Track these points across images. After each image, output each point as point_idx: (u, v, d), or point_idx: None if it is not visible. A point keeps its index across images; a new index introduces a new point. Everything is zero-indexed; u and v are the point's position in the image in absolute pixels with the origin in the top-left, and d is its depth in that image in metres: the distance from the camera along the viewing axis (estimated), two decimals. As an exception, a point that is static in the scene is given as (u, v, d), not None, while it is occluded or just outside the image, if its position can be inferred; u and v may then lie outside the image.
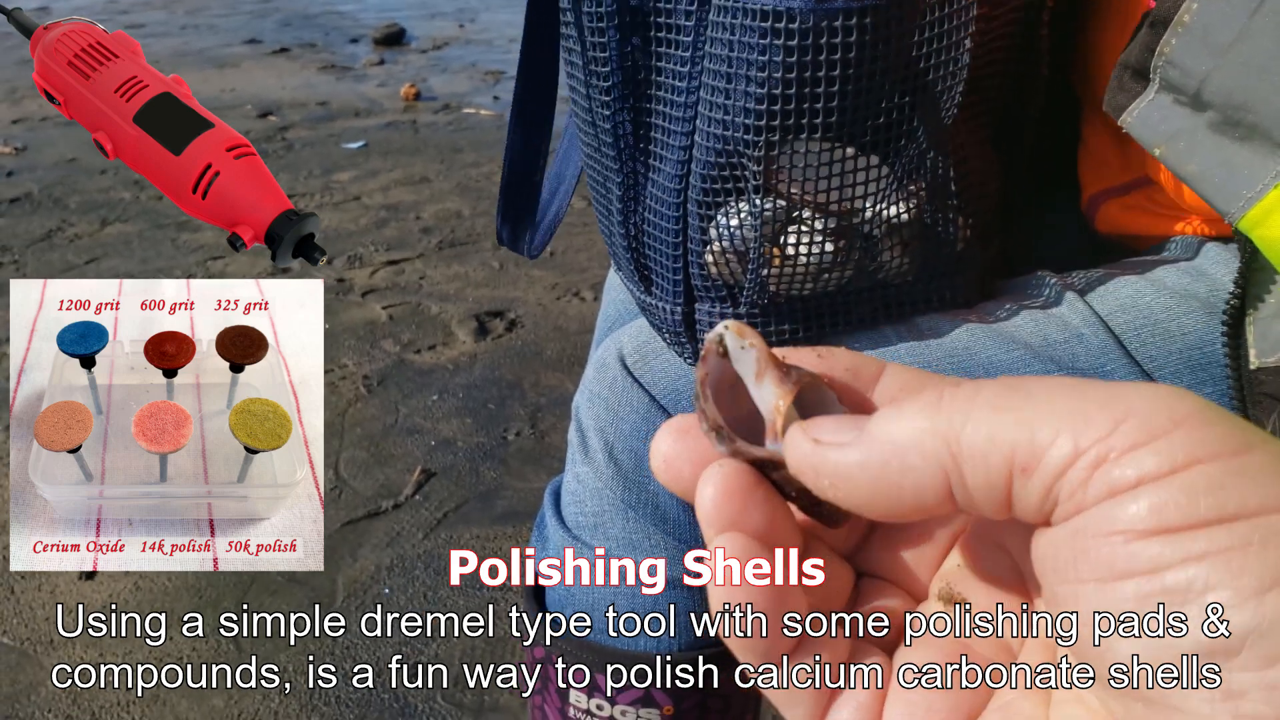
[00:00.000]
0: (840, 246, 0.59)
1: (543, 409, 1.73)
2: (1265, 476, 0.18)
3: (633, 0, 0.57)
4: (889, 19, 0.52)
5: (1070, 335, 0.60)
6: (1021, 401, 0.20)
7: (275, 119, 3.62)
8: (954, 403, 0.21)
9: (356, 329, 2.04)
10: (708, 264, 0.60)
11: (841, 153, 0.56)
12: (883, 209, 0.59)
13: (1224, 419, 0.19)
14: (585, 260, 2.37)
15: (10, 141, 3.33)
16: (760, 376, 0.25)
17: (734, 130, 0.55)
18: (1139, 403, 0.19)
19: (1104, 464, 0.19)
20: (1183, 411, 0.19)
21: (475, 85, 4.12)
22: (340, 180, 2.98)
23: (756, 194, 0.56)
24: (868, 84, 0.54)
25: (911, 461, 0.21)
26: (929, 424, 0.21)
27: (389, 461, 1.59)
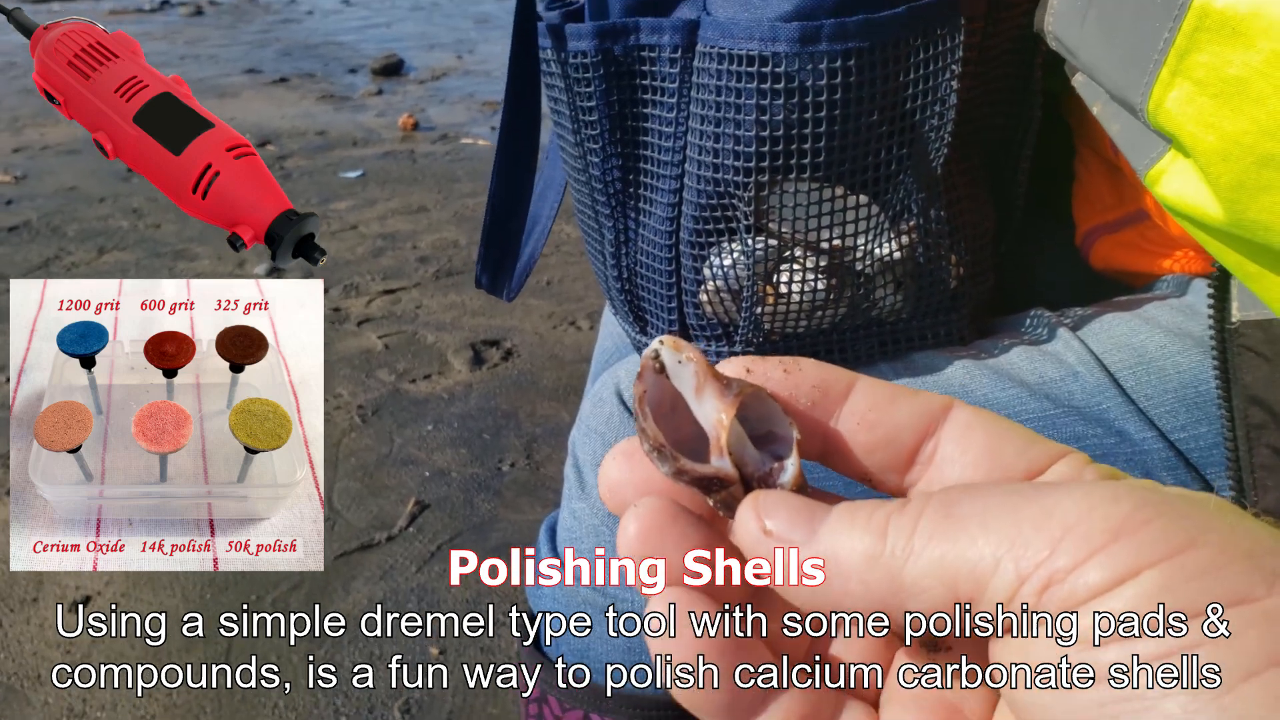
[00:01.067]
0: (833, 284, 0.59)
1: (538, 439, 1.73)
2: (1210, 573, 0.18)
3: (616, 49, 0.58)
4: (874, 61, 0.53)
5: (1066, 373, 0.60)
6: (958, 529, 0.20)
7: (274, 148, 3.64)
8: (898, 532, 0.21)
9: (352, 358, 2.03)
10: (702, 303, 0.60)
11: (831, 192, 0.56)
12: (875, 247, 0.59)
13: (1161, 515, 0.19)
14: (581, 289, 2.37)
15: (10, 170, 3.34)
16: (700, 391, 0.24)
17: (724, 173, 0.55)
18: (1073, 514, 0.19)
19: (1050, 587, 0.19)
20: (1118, 517, 0.19)
21: (473, 116, 4.15)
22: (338, 209, 2.99)
23: (748, 233, 0.57)
24: (855, 125, 0.54)
25: (853, 588, 0.21)
26: (872, 552, 0.21)
27: (382, 493, 1.58)
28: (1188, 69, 0.38)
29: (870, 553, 0.21)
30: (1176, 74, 0.38)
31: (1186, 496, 0.20)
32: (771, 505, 0.23)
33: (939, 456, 0.24)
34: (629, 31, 0.57)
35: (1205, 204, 0.40)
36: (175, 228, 2.83)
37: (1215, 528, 0.19)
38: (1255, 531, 0.19)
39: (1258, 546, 0.19)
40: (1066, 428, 0.58)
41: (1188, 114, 0.38)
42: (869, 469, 0.25)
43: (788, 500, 0.23)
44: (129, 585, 1.37)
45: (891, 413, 0.25)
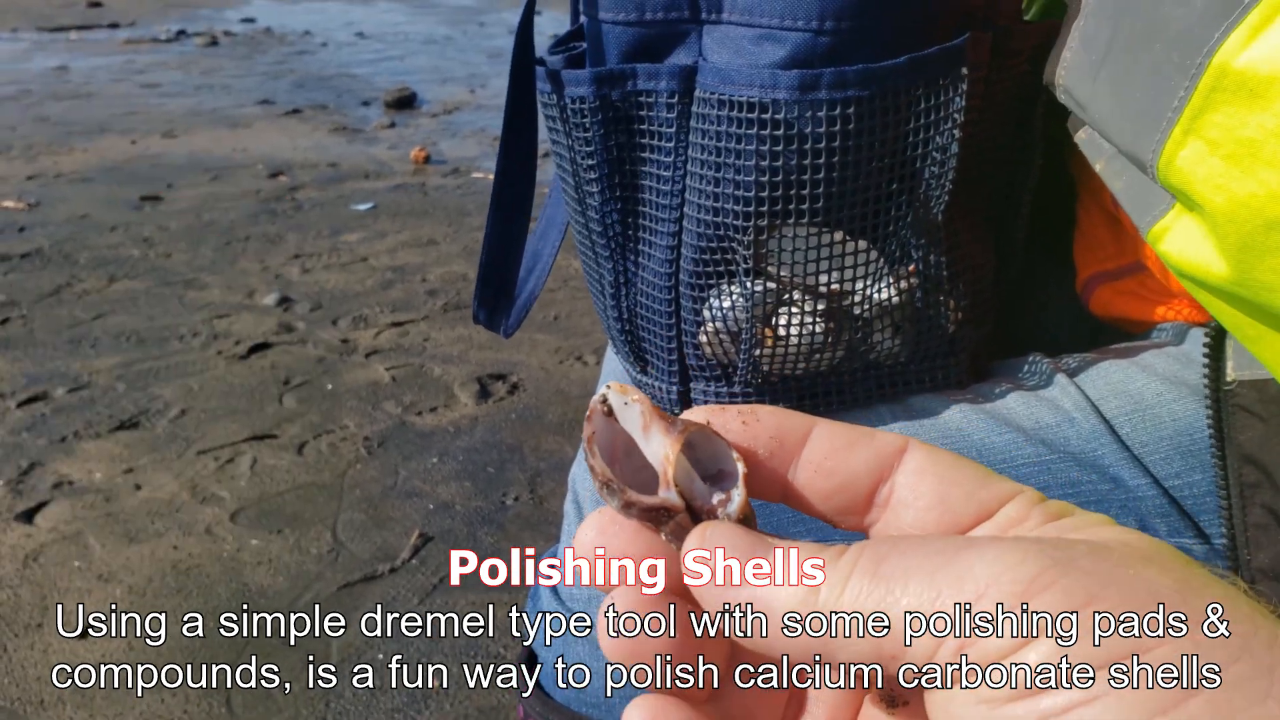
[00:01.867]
0: (831, 328, 0.60)
1: (542, 474, 1.74)
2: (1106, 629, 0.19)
3: (614, 95, 0.59)
4: (874, 110, 0.53)
5: (1062, 419, 0.61)
6: (883, 589, 0.21)
7: (286, 179, 3.68)
8: (829, 589, 0.22)
9: (359, 390, 2.05)
10: (701, 344, 0.62)
11: (830, 237, 0.57)
12: (873, 292, 0.60)
13: (1065, 576, 0.20)
14: (588, 325, 2.39)
15: (24, 197, 3.39)
16: (646, 430, 0.26)
17: (723, 216, 0.56)
18: (984, 579, 0.20)
19: (963, 651, 0.20)
20: (1024, 580, 0.20)
21: (484, 149, 4.20)
22: (348, 241, 3.02)
23: (747, 276, 0.58)
24: (854, 172, 0.55)
25: (779, 631, 0.23)
26: (804, 605, 0.22)
27: (387, 524, 1.59)
28: (1201, 128, 0.38)
29: (801, 606, 0.22)
30: (1190, 132, 0.38)
31: (1095, 551, 0.21)
32: (715, 539, 0.24)
33: (894, 500, 0.26)
34: (626, 78, 0.58)
35: (1208, 262, 0.40)
36: (186, 257, 2.86)
37: (1115, 581, 0.20)
38: (1155, 581, 0.20)
39: (1154, 598, 0.20)
40: (1061, 473, 0.59)
41: (1198, 173, 0.38)
42: (827, 513, 0.27)
43: (732, 536, 0.24)
44: (133, 612, 1.38)
45: (847, 459, 0.26)
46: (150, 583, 1.44)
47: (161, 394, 2.02)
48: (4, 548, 1.52)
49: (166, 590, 1.43)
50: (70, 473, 1.73)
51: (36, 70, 5.78)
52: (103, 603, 1.40)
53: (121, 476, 1.72)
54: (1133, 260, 0.67)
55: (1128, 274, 0.68)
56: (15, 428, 1.88)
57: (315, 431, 1.87)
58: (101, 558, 1.50)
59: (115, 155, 4.00)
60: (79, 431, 1.87)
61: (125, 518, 1.60)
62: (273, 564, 1.48)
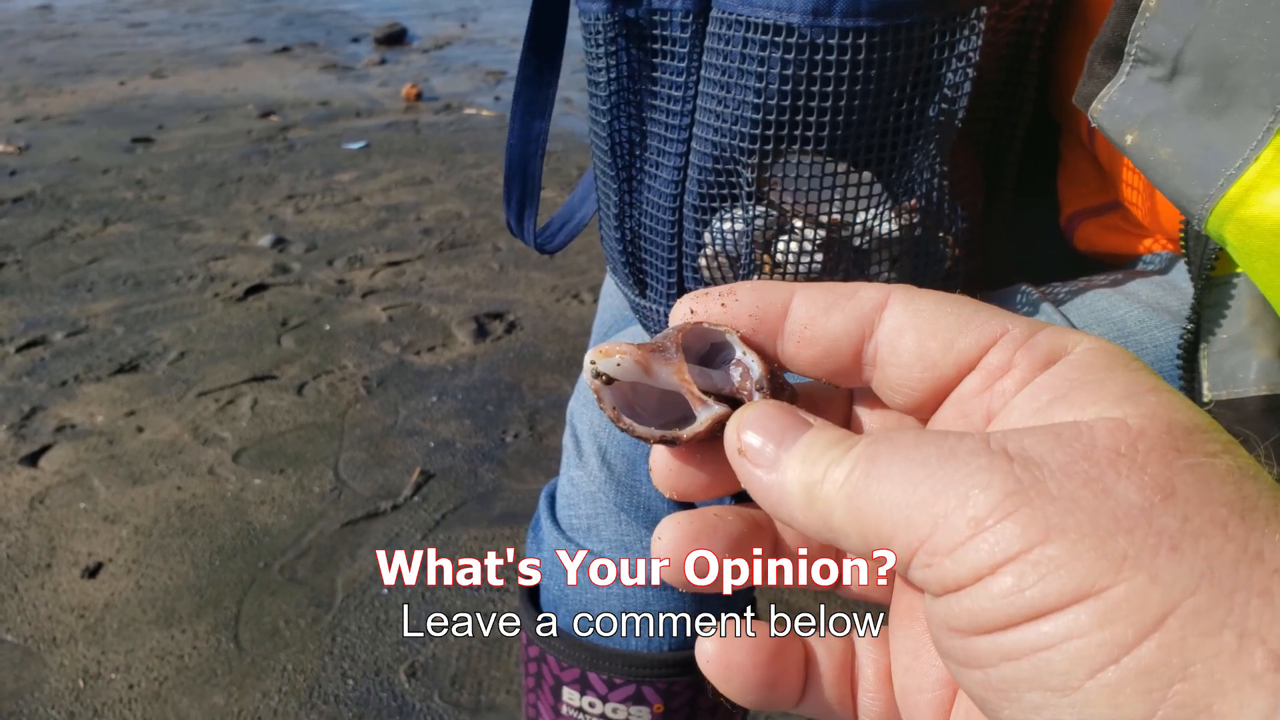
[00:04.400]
0: (829, 258, 0.60)
1: (541, 411, 1.75)
2: (1060, 568, 0.19)
3: (630, 12, 0.58)
4: (887, 42, 0.53)
5: None
6: (870, 493, 0.22)
7: (277, 118, 3.64)
8: (830, 483, 0.23)
9: (357, 330, 2.05)
10: (700, 267, 0.62)
11: (835, 167, 0.57)
12: (874, 224, 0.60)
13: (1026, 504, 0.20)
14: (585, 262, 2.38)
15: (13, 140, 3.35)
16: (649, 371, 0.26)
17: (730, 138, 0.56)
18: (949, 502, 0.20)
19: (930, 567, 0.20)
20: (985, 507, 0.20)
21: (477, 85, 4.14)
22: (341, 180, 2.99)
23: (750, 200, 0.58)
24: (862, 103, 0.54)
25: (795, 514, 0.23)
26: (810, 494, 0.23)
27: (388, 463, 1.60)
28: None
29: (808, 494, 0.23)
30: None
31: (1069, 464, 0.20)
32: (749, 421, 0.25)
33: (879, 359, 0.26)
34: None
35: None
36: (179, 199, 2.84)
37: (1079, 508, 0.19)
38: (1125, 495, 0.20)
39: (1116, 524, 0.19)
40: None
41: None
42: (822, 378, 0.27)
43: (766, 418, 0.24)
44: (140, 551, 1.40)
45: (826, 325, 0.26)
46: (156, 523, 1.46)
47: (160, 337, 2.03)
48: (10, 491, 1.54)
49: (172, 530, 1.44)
50: (72, 416, 1.74)
51: (19, 9, 5.67)
52: (109, 543, 1.42)
53: (123, 419, 1.73)
54: (1115, 198, 0.67)
55: (1111, 210, 0.67)
56: (15, 373, 1.89)
57: (314, 372, 1.88)
58: (107, 499, 1.52)
59: (104, 96, 3.94)
60: (79, 375, 1.87)
61: (128, 460, 1.61)
62: (276, 503, 1.50)
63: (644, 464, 0.65)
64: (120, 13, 5.60)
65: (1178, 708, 0.18)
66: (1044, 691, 0.19)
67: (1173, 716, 0.18)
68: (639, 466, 0.65)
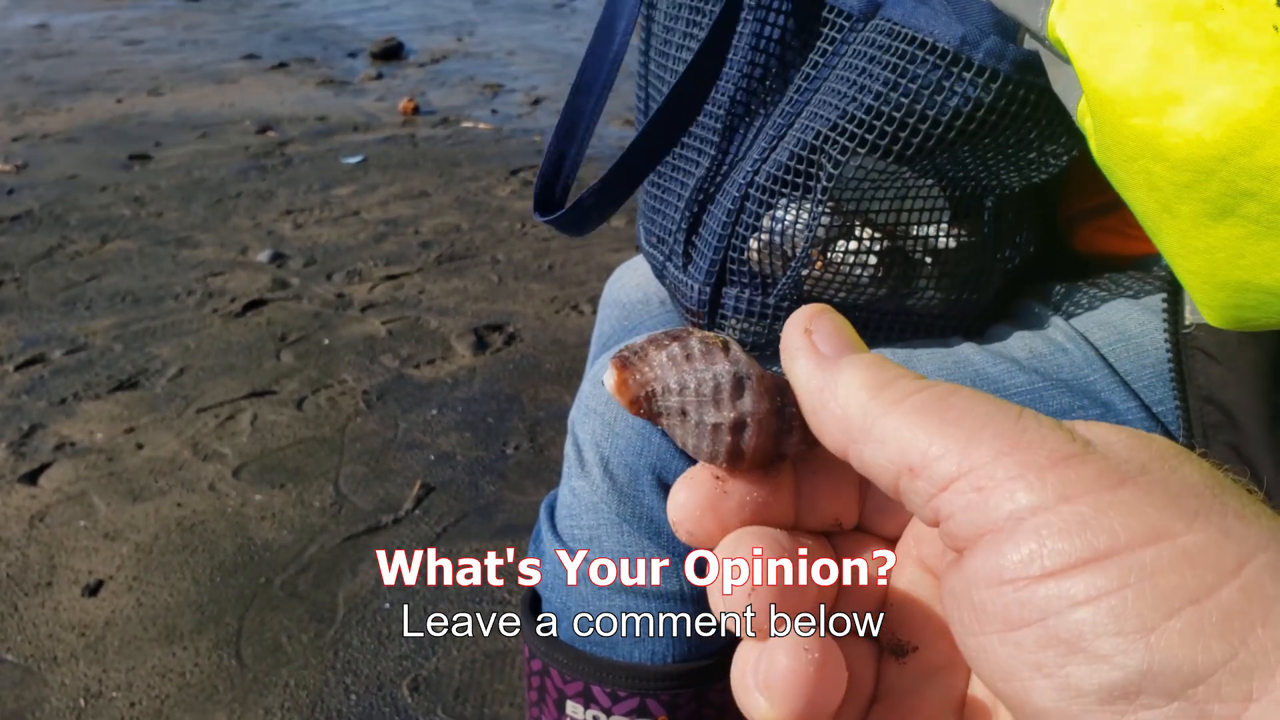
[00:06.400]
0: (883, 266, 0.61)
1: (541, 422, 1.74)
2: (1134, 509, 0.19)
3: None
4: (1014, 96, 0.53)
5: (1054, 349, 0.62)
6: (938, 413, 0.21)
7: (274, 134, 3.64)
8: (895, 390, 0.22)
9: (355, 344, 2.05)
10: (750, 249, 0.62)
11: (912, 178, 0.58)
12: (934, 239, 0.61)
13: (1105, 457, 0.20)
14: (583, 273, 2.38)
15: (11, 159, 3.35)
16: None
17: (832, 131, 0.56)
18: (1028, 437, 0.20)
19: (982, 491, 0.20)
20: (1065, 450, 0.20)
21: (474, 98, 4.15)
22: (339, 195, 2.99)
23: (824, 195, 0.58)
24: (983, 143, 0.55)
25: (834, 410, 0.23)
26: (863, 398, 0.23)
27: (389, 476, 1.60)
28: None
29: (864, 395, 0.23)
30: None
31: (1135, 441, 0.20)
32: (821, 321, 0.25)
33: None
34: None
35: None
36: (177, 215, 2.84)
37: (1150, 470, 0.19)
38: (1188, 474, 0.20)
39: (1185, 488, 0.19)
40: (1054, 400, 0.60)
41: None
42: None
43: (838, 324, 0.25)
44: (140, 569, 1.39)
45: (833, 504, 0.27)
46: (156, 540, 1.46)
47: (159, 353, 2.02)
48: (10, 509, 1.53)
49: (172, 547, 1.44)
50: (71, 434, 1.73)
51: (16, 28, 5.69)
52: (110, 560, 1.42)
53: (123, 436, 1.73)
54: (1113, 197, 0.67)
55: (1109, 211, 0.68)
56: (15, 390, 1.88)
57: (314, 386, 1.88)
58: (107, 517, 1.51)
59: (101, 114, 3.95)
60: (78, 393, 1.87)
61: (128, 477, 1.61)
62: (277, 518, 1.50)
63: (647, 474, 0.65)
64: (117, 30, 5.61)
65: (1259, 653, 0.17)
66: (1117, 636, 0.18)
67: (1253, 661, 0.17)
68: (641, 477, 0.65)
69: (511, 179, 3.11)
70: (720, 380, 0.25)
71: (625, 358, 0.26)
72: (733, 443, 0.25)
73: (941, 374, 0.62)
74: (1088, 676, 0.18)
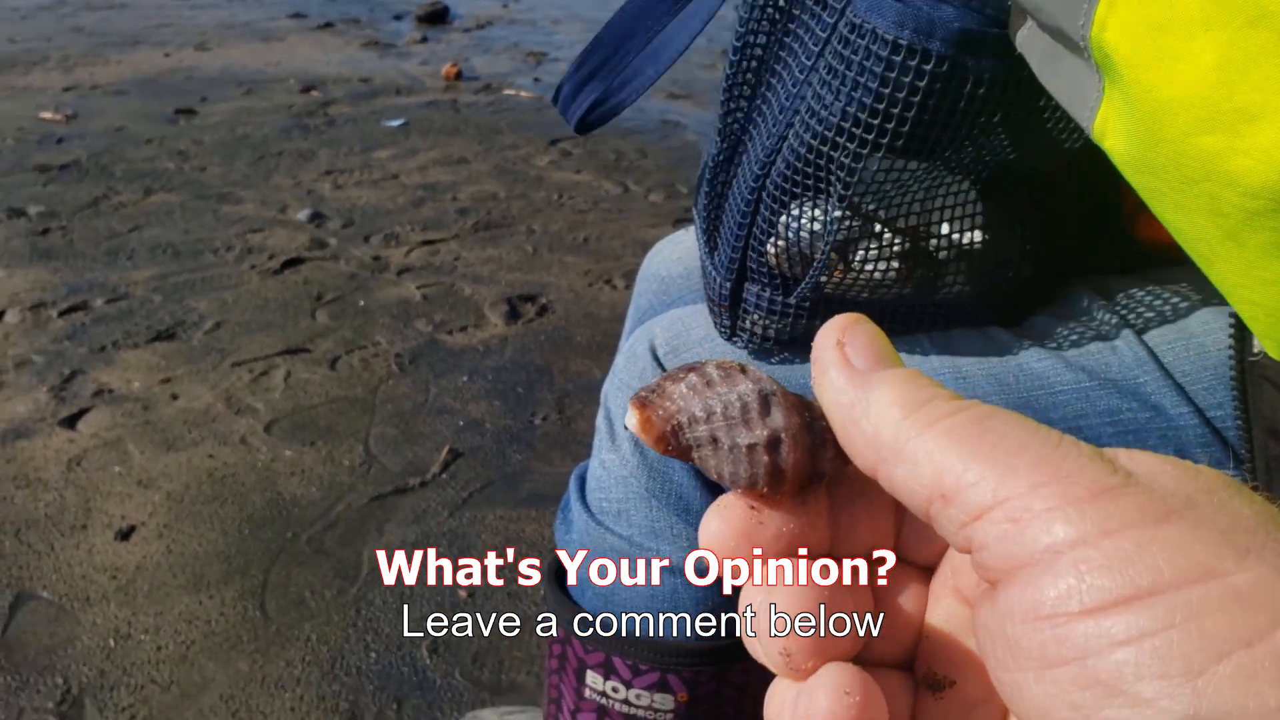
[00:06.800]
0: (906, 267, 0.59)
1: (570, 395, 1.75)
2: (1180, 545, 0.18)
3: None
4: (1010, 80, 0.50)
5: (1104, 346, 0.60)
6: (975, 438, 0.21)
7: (318, 94, 3.66)
8: (931, 411, 0.22)
9: (390, 307, 2.06)
10: (768, 254, 0.61)
11: (928, 174, 0.56)
12: (958, 235, 0.59)
13: (1149, 490, 0.19)
14: (619, 248, 2.38)
15: (61, 108, 3.39)
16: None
17: (823, 143, 0.54)
18: (1069, 466, 0.19)
19: (1018, 523, 0.19)
20: (1106, 482, 0.19)
21: (517, 66, 4.14)
22: (379, 158, 3.01)
23: (840, 203, 0.56)
24: (984, 125, 0.52)
25: (865, 428, 0.22)
26: (898, 416, 0.22)
27: (418, 439, 1.61)
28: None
29: (898, 414, 0.22)
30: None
31: (1182, 473, 0.19)
32: (855, 333, 0.24)
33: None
34: None
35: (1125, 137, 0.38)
36: (220, 171, 2.87)
37: (1198, 504, 0.18)
38: (1239, 509, 0.19)
39: (1235, 524, 0.18)
40: (1100, 401, 0.58)
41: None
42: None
43: (872, 337, 0.24)
44: (171, 517, 1.42)
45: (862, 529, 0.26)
46: (188, 489, 1.48)
47: (197, 306, 2.05)
48: (49, 452, 1.56)
49: (203, 497, 1.46)
50: (110, 381, 1.76)
51: (69, -21, 5.74)
52: (142, 507, 1.44)
53: (159, 386, 1.75)
54: None
55: None
56: (57, 336, 1.92)
57: (348, 347, 1.90)
58: (141, 464, 1.54)
59: (149, 68, 3.98)
60: (118, 341, 1.90)
61: (163, 426, 1.64)
62: (306, 475, 1.52)
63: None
64: (167, -16, 5.65)
65: None
66: (1160, 679, 0.17)
67: None
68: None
69: (551, 149, 3.11)
70: (746, 400, 0.24)
71: (644, 397, 0.25)
72: (770, 462, 0.24)
73: (984, 370, 0.60)
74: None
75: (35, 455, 1.55)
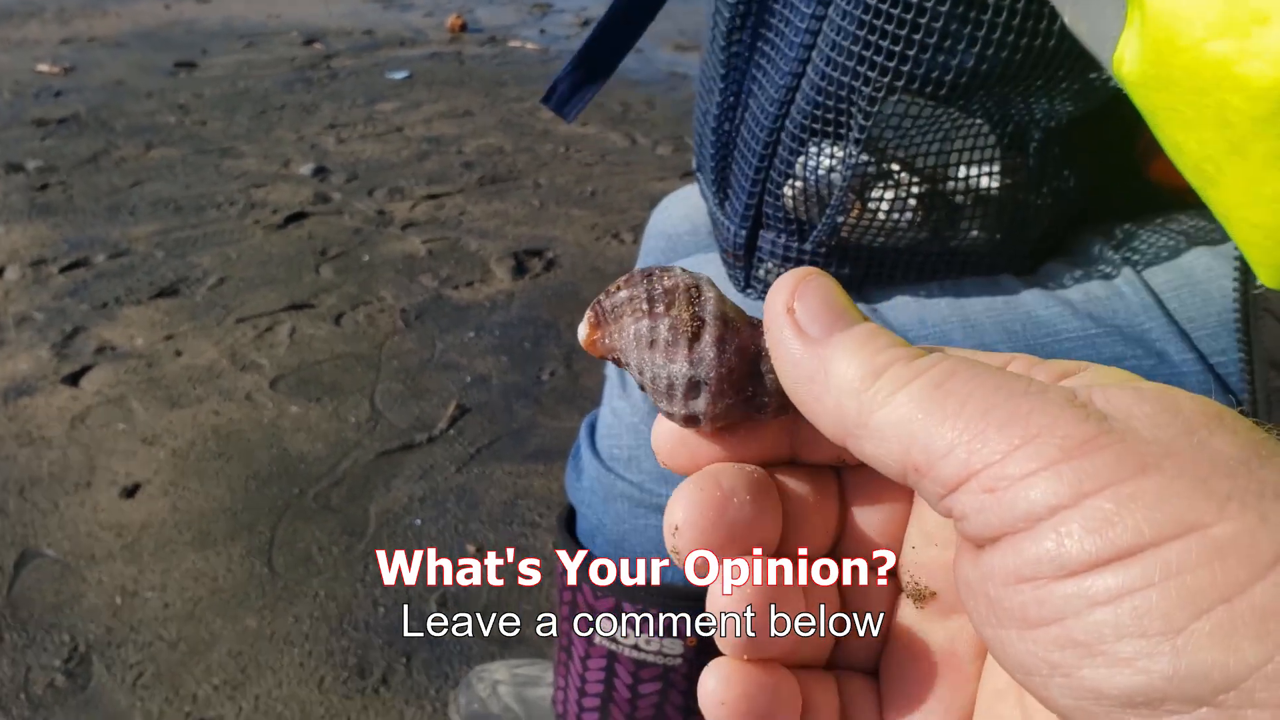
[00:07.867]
0: (923, 210, 0.58)
1: (577, 350, 1.73)
2: (1159, 500, 0.17)
3: None
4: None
5: (1111, 292, 0.59)
6: (938, 403, 0.20)
7: (320, 46, 3.60)
8: (891, 380, 0.21)
9: (395, 262, 2.03)
10: (785, 197, 0.59)
11: (948, 113, 0.54)
12: (976, 178, 0.57)
13: (1124, 439, 0.18)
14: (625, 201, 2.34)
15: (59, 61, 3.35)
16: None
17: (850, 76, 0.52)
18: (1041, 421, 0.18)
19: (994, 493, 0.18)
20: (1080, 434, 0.18)
21: (522, 18, 4.07)
22: (383, 110, 2.96)
23: (857, 146, 0.54)
24: (1005, 62, 0.50)
25: (827, 403, 0.21)
26: (859, 386, 0.21)
27: (425, 395, 1.59)
28: None
29: (857, 385, 0.21)
30: None
31: (1159, 411, 0.19)
32: (806, 291, 0.23)
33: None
34: None
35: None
36: (221, 125, 2.83)
37: (1175, 451, 0.18)
38: (1220, 448, 0.18)
39: (1214, 468, 0.18)
40: (1106, 348, 0.57)
41: None
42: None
43: (825, 294, 0.23)
44: (176, 474, 1.40)
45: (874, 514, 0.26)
46: (193, 446, 1.47)
47: (200, 262, 2.03)
48: (52, 409, 1.55)
49: (208, 454, 1.45)
50: (112, 338, 1.75)
51: (66, -69, 5.65)
52: (147, 464, 1.43)
53: (162, 343, 1.73)
54: None
55: None
56: (59, 293, 1.90)
57: (353, 302, 1.87)
58: (145, 421, 1.52)
59: (149, 20, 3.92)
60: (120, 297, 1.88)
61: (167, 383, 1.62)
62: (312, 431, 1.50)
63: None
64: (166, -64, 5.56)
65: None
66: (1139, 638, 0.17)
67: None
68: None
69: (557, 102, 3.06)
70: (675, 380, 0.24)
71: (600, 314, 0.25)
72: (686, 408, 0.24)
73: (991, 318, 0.59)
74: (1108, 679, 0.17)
75: (38, 413, 1.54)
